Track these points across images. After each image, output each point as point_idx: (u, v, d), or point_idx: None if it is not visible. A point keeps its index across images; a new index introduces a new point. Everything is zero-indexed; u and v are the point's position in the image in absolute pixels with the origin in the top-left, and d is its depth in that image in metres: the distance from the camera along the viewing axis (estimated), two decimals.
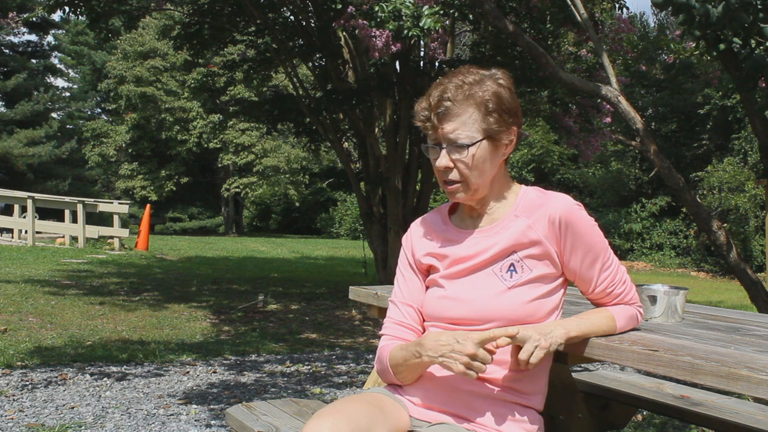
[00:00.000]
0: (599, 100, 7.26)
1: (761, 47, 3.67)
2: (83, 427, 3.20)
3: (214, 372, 4.46)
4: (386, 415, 1.49)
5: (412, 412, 1.56)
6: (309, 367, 4.73)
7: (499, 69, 1.57)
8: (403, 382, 1.58)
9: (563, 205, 1.51)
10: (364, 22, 5.27)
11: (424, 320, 1.64)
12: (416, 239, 1.67)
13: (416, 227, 1.70)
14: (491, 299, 1.50)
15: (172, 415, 3.46)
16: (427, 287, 1.64)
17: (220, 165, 29.01)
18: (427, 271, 1.65)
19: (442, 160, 1.50)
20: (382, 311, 1.76)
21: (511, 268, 1.51)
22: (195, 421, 3.38)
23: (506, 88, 1.52)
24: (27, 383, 3.96)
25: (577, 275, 1.56)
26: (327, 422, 1.37)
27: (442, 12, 5.33)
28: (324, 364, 4.85)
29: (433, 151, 1.53)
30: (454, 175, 1.51)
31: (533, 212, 1.52)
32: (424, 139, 1.59)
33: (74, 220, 14.33)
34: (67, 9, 7.09)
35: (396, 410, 1.53)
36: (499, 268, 1.52)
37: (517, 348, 1.45)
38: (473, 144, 1.48)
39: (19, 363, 4.43)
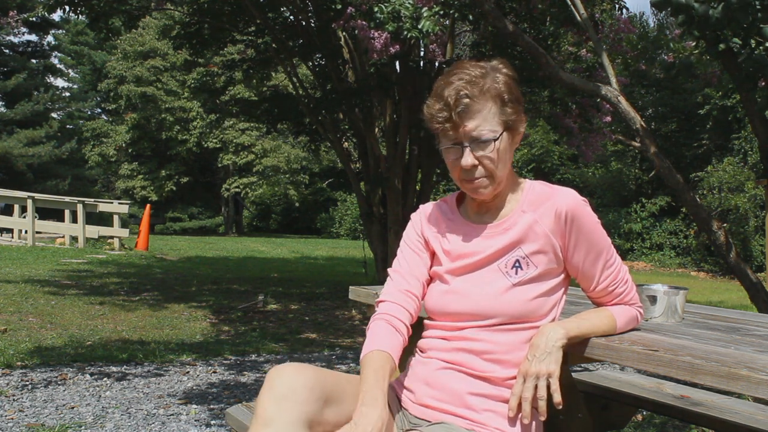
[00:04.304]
0: (599, 100, 7.26)
1: (761, 47, 3.67)
2: (83, 427, 3.20)
3: (214, 372, 4.46)
4: (358, 395, 1.48)
5: (411, 410, 1.56)
6: None
7: (498, 59, 1.56)
8: None
9: (570, 199, 1.50)
10: (364, 22, 5.27)
11: (426, 318, 1.64)
12: (425, 220, 1.67)
13: (426, 209, 1.70)
14: (495, 296, 1.50)
15: (172, 415, 3.46)
16: (431, 279, 1.64)
17: (220, 165, 29.02)
18: (432, 255, 1.64)
19: (467, 158, 1.48)
20: None
21: (517, 264, 1.51)
22: (195, 421, 3.38)
23: (512, 77, 1.52)
24: (27, 383, 3.95)
25: (579, 271, 1.56)
26: (290, 367, 1.41)
27: (441, 13, 5.32)
28: (324, 364, 4.85)
29: (452, 151, 1.50)
30: (479, 173, 1.49)
31: (539, 206, 1.52)
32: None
33: (74, 220, 14.33)
34: (67, 8, 7.09)
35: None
36: (504, 264, 1.52)
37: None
38: (497, 138, 1.47)
39: (19, 363, 4.43)
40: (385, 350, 1.50)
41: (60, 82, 54.67)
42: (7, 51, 29.39)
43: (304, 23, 8.23)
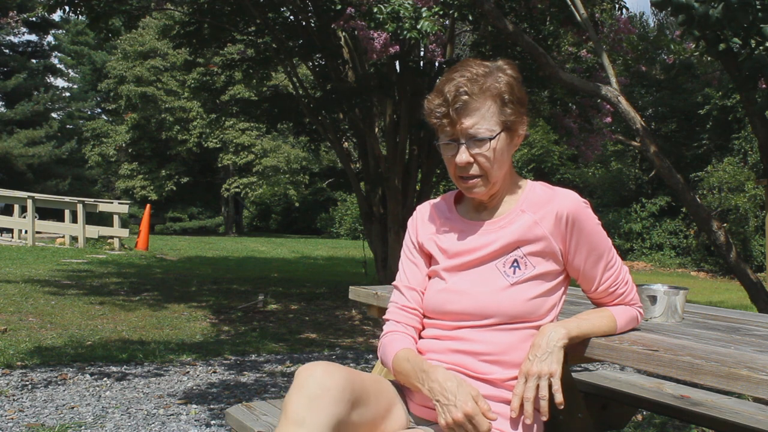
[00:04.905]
0: (599, 100, 7.26)
1: (761, 47, 3.67)
2: (83, 427, 3.20)
3: (214, 372, 4.46)
4: (378, 396, 1.49)
5: (413, 409, 1.57)
6: None
7: (503, 60, 1.56)
8: (399, 382, 1.59)
9: (571, 201, 1.50)
10: (363, 23, 5.27)
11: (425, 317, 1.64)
12: (421, 222, 1.67)
13: (422, 210, 1.70)
14: (493, 295, 1.49)
15: (172, 415, 3.46)
16: (429, 278, 1.64)
17: (220, 165, 29.00)
18: (429, 257, 1.64)
19: (462, 155, 1.48)
20: (382, 311, 1.76)
21: (515, 264, 1.51)
22: (195, 421, 3.38)
23: (515, 78, 1.52)
24: (27, 383, 3.96)
25: (580, 273, 1.56)
26: (320, 366, 1.39)
27: (441, 13, 5.32)
28: None
29: (449, 148, 1.51)
30: (474, 170, 1.49)
31: (540, 208, 1.51)
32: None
33: (74, 220, 14.32)
34: (67, 9, 7.08)
35: (390, 399, 1.53)
36: (503, 264, 1.51)
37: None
38: (494, 137, 1.47)
39: (19, 363, 4.43)
40: (406, 347, 1.55)
41: (60, 82, 54.70)
42: (7, 51, 29.39)
43: (304, 23, 8.23)
